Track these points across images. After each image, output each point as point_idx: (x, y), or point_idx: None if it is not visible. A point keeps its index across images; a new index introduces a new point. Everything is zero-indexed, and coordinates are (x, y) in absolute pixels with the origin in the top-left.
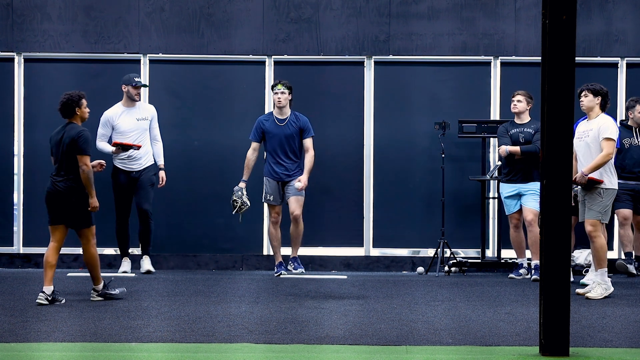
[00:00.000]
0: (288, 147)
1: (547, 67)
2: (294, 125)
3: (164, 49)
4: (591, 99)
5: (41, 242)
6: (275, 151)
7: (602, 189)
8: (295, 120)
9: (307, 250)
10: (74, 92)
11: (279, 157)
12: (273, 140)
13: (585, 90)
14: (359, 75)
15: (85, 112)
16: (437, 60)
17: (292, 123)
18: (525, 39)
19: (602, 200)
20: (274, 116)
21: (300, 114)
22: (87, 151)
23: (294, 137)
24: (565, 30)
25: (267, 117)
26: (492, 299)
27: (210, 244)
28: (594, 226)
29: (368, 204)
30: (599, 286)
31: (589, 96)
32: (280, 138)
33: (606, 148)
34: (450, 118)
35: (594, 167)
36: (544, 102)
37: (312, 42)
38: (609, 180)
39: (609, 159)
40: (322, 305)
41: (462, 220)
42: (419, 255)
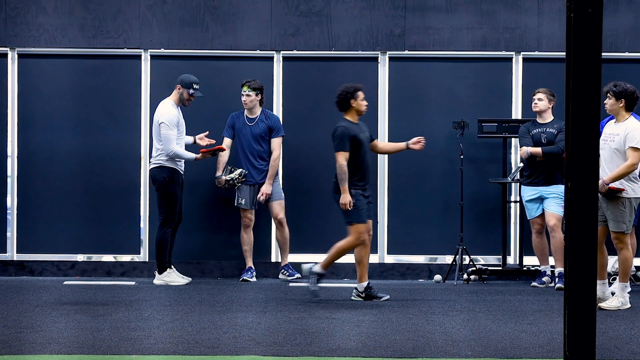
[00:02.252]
0: (258, 148)
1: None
2: (263, 124)
3: (166, 44)
4: (613, 103)
5: (36, 249)
6: (246, 152)
7: (625, 199)
8: (264, 119)
9: (318, 257)
10: (351, 84)
11: (250, 158)
12: (243, 139)
13: (609, 92)
14: (373, 72)
15: (362, 104)
16: (455, 55)
17: (261, 122)
18: (548, 33)
19: (624, 211)
20: (244, 114)
21: (271, 113)
22: (339, 148)
23: (264, 137)
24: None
25: (239, 115)
26: (513, 309)
27: (215, 250)
28: (619, 238)
29: (382, 208)
30: (616, 298)
31: (612, 99)
32: (249, 137)
33: (631, 158)
34: (469, 117)
35: (616, 176)
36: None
37: (323, 37)
38: (631, 188)
39: (634, 169)
40: (333, 315)
41: (482, 225)
42: (436, 262)
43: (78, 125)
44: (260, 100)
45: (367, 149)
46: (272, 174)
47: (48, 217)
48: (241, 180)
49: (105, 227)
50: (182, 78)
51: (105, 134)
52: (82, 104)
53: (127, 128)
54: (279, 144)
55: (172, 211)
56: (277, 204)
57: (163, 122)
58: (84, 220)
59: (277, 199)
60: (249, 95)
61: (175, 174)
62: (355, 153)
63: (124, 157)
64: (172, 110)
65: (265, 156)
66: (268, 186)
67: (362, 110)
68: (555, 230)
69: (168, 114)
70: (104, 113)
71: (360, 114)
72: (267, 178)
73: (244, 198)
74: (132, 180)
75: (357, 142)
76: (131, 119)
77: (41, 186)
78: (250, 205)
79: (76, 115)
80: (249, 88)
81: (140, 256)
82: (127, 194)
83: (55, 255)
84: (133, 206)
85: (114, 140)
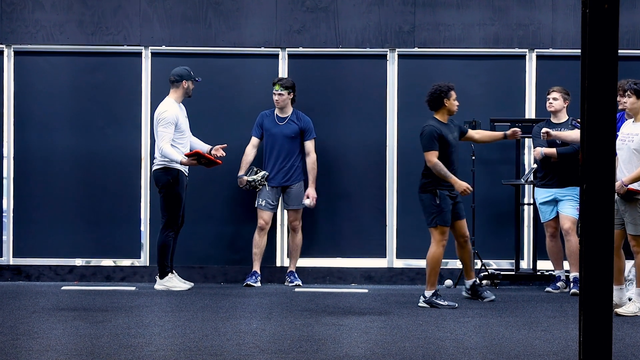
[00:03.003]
0: (286, 149)
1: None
2: (295, 124)
3: (167, 41)
4: (634, 101)
5: (33, 253)
6: (273, 152)
7: None
8: (296, 120)
9: (325, 261)
10: (443, 82)
11: (277, 159)
12: (271, 139)
13: (629, 90)
14: (381, 70)
15: (454, 104)
16: (466, 53)
17: (292, 122)
18: (563, 30)
19: None
20: (274, 113)
21: (303, 114)
22: (428, 147)
23: (294, 138)
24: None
25: (269, 114)
26: (527, 315)
27: (218, 254)
28: (637, 241)
29: (391, 210)
30: (633, 304)
31: (632, 97)
32: (278, 138)
33: None
34: (481, 117)
35: (635, 177)
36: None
37: (330, 33)
38: None
39: None
40: (341, 321)
41: (494, 228)
42: (447, 267)
43: (76, 125)
44: (292, 99)
45: (456, 149)
46: (313, 178)
47: (45, 220)
48: (262, 183)
49: (104, 230)
50: (179, 74)
51: (105, 134)
52: (80, 103)
53: (127, 128)
54: (313, 147)
55: (176, 214)
56: (295, 211)
57: (161, 119)
58: (83, 223)
59: (298, 205)
60: (280, 94)
61: (179, 175)
62: (442, 153)
63: (124, 158)
64: (173, 108)
65: (292, 158)
66: (313, 190)
67: (453, 110)
68: (570, 233)
69: (167, 111)
70: (103, 112)
71: (451, 114)
72: (311, 183)
73: (264, 199)
74: (132, 182)
75: (445, 142)
76: (131, 118)
77: (38, 188)
78: (270, 207)
79: (74, 115)
80: (281, 86)
81: (140, 260)
82: (127, 196)
83: (52, 259)
84: (133, 209)
85: (113, 141)
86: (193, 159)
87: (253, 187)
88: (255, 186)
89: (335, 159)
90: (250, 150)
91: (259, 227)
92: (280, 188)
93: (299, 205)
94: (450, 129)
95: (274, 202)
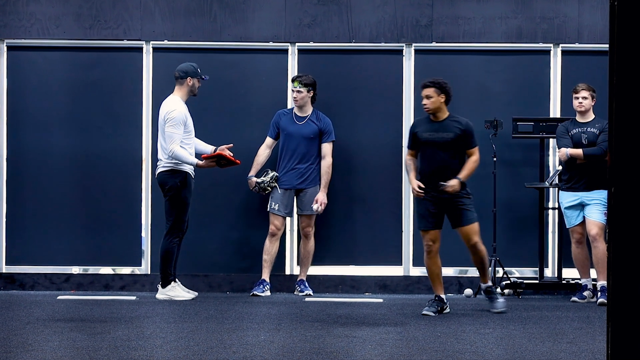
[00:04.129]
0: (304, 150)
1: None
2: (314, 125)
3: (170, 35)
4: None
5: (27, 260)
6: (289, 153)
7: None
8: (316, 120)
9: (337, 269)
10: None
11: (292, 160)
12: (287, 139)
13: None
14: (397, 66)
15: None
16: (487, 48)
17: (311, 122)
18: (590, 24)
19: None
20: (293, 112)
21: (323, 115)
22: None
23: (313, 139)
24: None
25: (287, 112)
26: (551, 326)
27: (224, 262)
28: None
29: (407, 215)
30: None
31: None
32: (295, 138)
33: None
34: (503, 115)
35: None
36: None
37: (343, 27)
38: None
39: None
40: (354, 333)
41: (517, 234)
42: (467, 275)
43: (73, 124)
44: (312, 97)
45: (435, 149)
46: (326, 182)
47: (40, 225)
48: (272, 185)
49: (103, 236)
50: (184, 70)
51: (104, 134)
52: (77, 101)
53: (128, 128)
54: (330, 150)
55: (182, 219)
56: (309, 217)
57: (169, 118)
58: (80, 229)
59: (310, 212)
60: (299, 91)
61: (187, 178)
62: (421, 152)
63: (123, 160)
64: (180, 107)
65: (308, 160)
66: (324, 195)
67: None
68: (597, 240)
69: (176, 110)
70: (102, 111)
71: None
72: (322, 187)
73: (277, 203)
74: (132, 185)
75: (417, 140)
76: (132, 117)
77: (33, 191)
78: (283, 211)
79: (71, 114)
80: (300, 84)
81: (141, 268)
82: (128, 200)
83: (48, 267)
84: (134, 213)
85: (113, 141)
86: (212, 161)
87: (262, 190)
88: (264, 188)
89: (349, 161)
90: (263, 151)
91: (271, 233)
92: (294, 191)
93: (312, 210)
94: (436, 128)
95: (288, 207)
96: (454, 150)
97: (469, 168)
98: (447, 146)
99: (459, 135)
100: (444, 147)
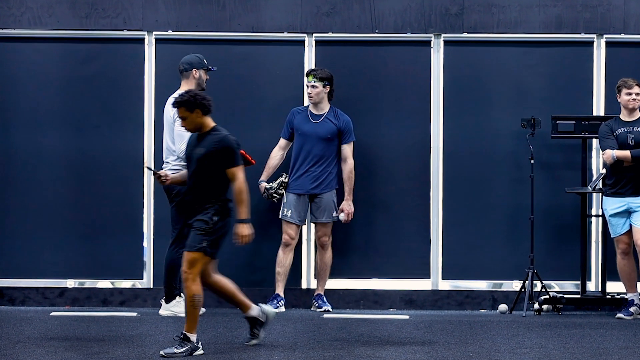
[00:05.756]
0: (320, 151)
1: None
2: (332, 124)
3: (174, 25)
4: None
5: (18, 273)
6: (303, 154)
7: None
8: (333, 119)
9: (358, 282)
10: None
11: (306, 163)
12: (301, 139)
13: None
14: (424, 59)
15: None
16: (524, 39)
17: (328, 121)
18: (637, 12)
19: None
20: (308, 110)
21: (341, 112)
22: None
23: (330, 139)
24: None
25: (302, 110)
26: (595, 346)
27: (233, 275)
28: None
29: (436, 223)
30: None
31: None
32: (310, 138)
33: None
34: (541, 114)
35: None
36: None
37: (365, 16)
38: None
39: None
40: (377, 353)
41: (557, 244)
42: (501, 289)
43: (68, 123)
44: (329, 93)
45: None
46: (350, 188)
47: (32, 234)
48: (278, 192)
49: (101, 246)
50: (189, 61)
51: (101, 133)
52: (73, 98)
53: (128, 127)
54: (351, 152)
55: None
56: (325, 225)
57: None
58: (76, 238)
59: (328, 218)
60: (314, 86)
61: None
62: None
63: (123, 162)
64: None
65: (325, 162)
66: (350, 203)
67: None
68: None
69: None
70: (100, 109)
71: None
72: (347, 194)
73: (290, 209)
74: (133, 190)
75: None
76: (132, 115)
77: (23, 197)
78: (297, 219)
79: (66, 112)
80: (315, 77)
81: (143, 282)
82: (128, 207)
83: (40, 280)
84: (134, 221)
85: (111, 142)
86: None
87: (270, 197)
88: (271, 195)
89: (371, 164)
90: (277, 153)
91: (284, 243)
92: (308, 196)
93: (329, 218)
94: None
95: (302, 214)
96: None
97: None
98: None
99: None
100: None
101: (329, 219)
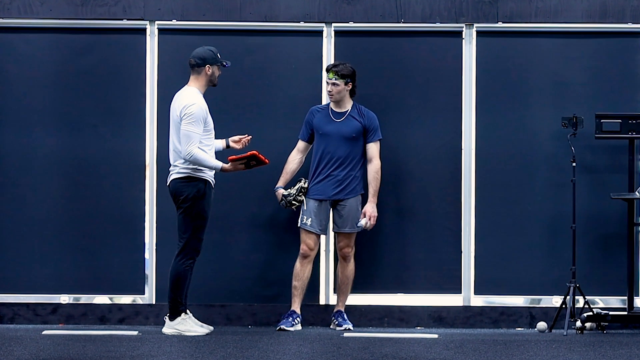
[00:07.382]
0: (343, 153)
1: None
2: (356, 121)
3: (179, 14)
4: None
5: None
6: (325, 157)
7: None
8: (357, 116)
9: (383, 298)
10: None
11: (328, 166)
12: (323, 140)
13: None
14: (455, 51)
15: None
16: (565, 29)
17: (352, 119)
18: None
19: None
20: (329, 108)
21: (366, 109)
22: None
23: (354, 139)
24: None
25: (322, 108)
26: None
27: (245, 289)
28: None
29: (468, 233)
30: None
31: None
32: (333, 138)
33: None
34: (584, 112)
35: None
36: None
37: (389, 4)
38: None
39: None
40: None
41: (601, 255)
42: (540, 305)
43: (62, 122)
44: (351, 90)
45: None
46: (375, 190)
47: (22, 245)
48: (297, 199)
49: (98, 258)
50: (202, 56)
51: (99, 133)
52: (67, 94)
53: (128, 126)
54: (377, 151)
55: (198, 237)
56: (348, 236)
57: (187, 114)
58: (70, 250)
59: (352, 228)
60: (335, 83)
61: (207, 187)
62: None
63: (123, 165)
64: (200, 100)
65: (348, 165)
66: (373, 206)
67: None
68: None
69: (195, 105)
70: (97, 106)
71: None
72: (371, 197)
73: (310, 217)
74: (134, 196)
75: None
76: (133, 113)
77: (13, 203)
78: (317, 227)
79: (59, 109)
80: (336, 75)
81: (144, 297)
82: (128, 214)
83: (31, 295)
84: (135, 230)
85: (110, 142)
86: (241, 163)
87: (288, 204)
88: (290, 202)
89: (397, 167)
90: (295, 157)
91: (302, 254)
92: (330, 202)
93: (353, 227)
94: None
95: (323, 222)
96: None
97: None
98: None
99: None
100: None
101: (353, 228)
